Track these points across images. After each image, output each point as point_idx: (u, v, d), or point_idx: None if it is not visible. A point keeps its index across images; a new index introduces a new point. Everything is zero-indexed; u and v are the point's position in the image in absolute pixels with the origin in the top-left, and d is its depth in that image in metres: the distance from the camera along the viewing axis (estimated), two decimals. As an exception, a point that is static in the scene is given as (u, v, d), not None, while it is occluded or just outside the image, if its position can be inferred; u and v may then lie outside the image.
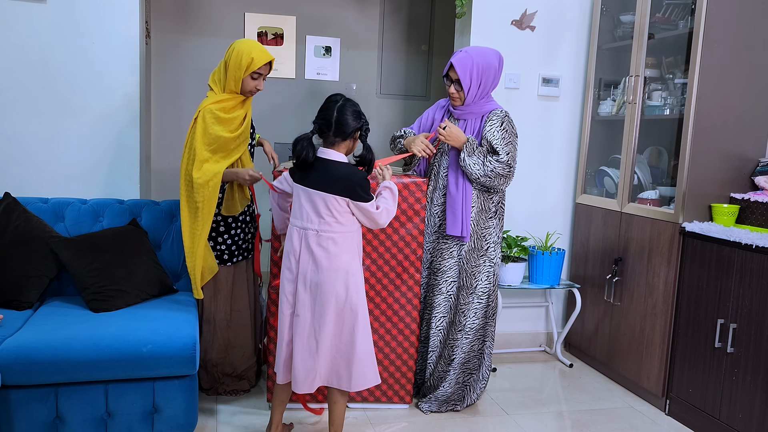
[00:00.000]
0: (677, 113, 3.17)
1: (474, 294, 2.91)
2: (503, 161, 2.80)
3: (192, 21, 4.77)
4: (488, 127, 2.85)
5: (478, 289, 2.91)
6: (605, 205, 3.56)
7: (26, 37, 3.05)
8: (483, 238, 2.91)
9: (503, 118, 2.86)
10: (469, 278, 2.91)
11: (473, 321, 2.92)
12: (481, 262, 2.91)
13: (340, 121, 2.39)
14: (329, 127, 2.40)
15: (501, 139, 2.82)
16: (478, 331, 2.94)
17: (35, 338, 2.32)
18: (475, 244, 2.91)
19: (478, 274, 2.91)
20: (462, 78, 2.81)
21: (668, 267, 3.06)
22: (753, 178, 3.05)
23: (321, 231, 2.38)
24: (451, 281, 2.93)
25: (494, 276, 2.95)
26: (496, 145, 2.81)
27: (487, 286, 2.92)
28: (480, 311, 2.93)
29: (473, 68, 2.81)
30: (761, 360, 2.58)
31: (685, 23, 3.19)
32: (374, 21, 5.09)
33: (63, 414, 2.33)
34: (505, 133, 2.83)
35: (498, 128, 2.83)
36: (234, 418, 2.83)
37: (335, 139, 2.42)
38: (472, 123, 2.91)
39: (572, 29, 3.77)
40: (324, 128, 2.42)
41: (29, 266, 2.76)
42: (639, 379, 3.26)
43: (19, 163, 3.10)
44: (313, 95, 4.97)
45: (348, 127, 2.40)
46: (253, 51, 2.76)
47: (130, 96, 3.19)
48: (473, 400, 3.04)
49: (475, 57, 2.82)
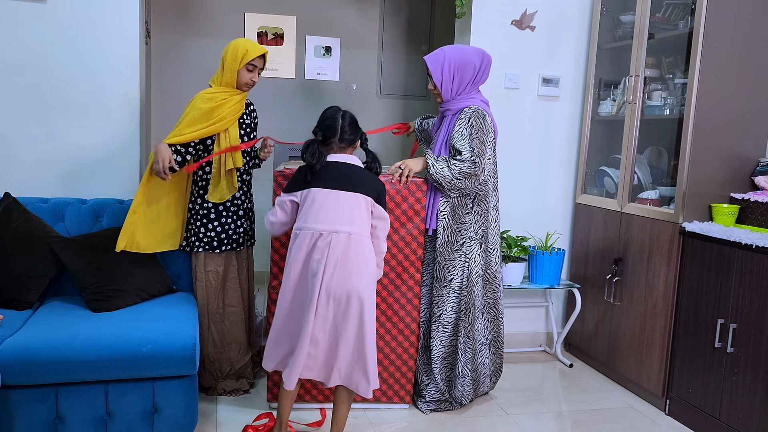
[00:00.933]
0: (677, 113, 3.17)
1: (449, 287, 2.90)
2: (467, 159, 2.79)
3: (192, 21, 4.77)
4: (456, 126, 2.86)
5: (453, 284, 2.90)
6: (605, 205, 3.56)
7: (26, 37, 3.05)
8: (458, 232, 2.89)
9: (471, 115, 2.83)
10: (443, 271, 2.90)
11: (449, 315, 2.92)
12: (456, 257, 2.89)
13: (345, 128, 2.46)
14: (335, 133, 2.44)
15: (466, 138, 2.81)
16: (455, 326, 2.93)
17: (35, 338, 2.32)
18: (449, 238, 2.89)
19: (452, 268, 2.89)
20: (433, 73, 2.88)
21: (668, 267, 3.06)
22: (753, 178, 3.05)
23: (353, 233, 2.38)
24: (427, 272, 2.96)
25: (469, 272, 2.89)
26: (459, 144, 2.82)
27: (462, 281, 2.90)
28: (456, 305, 2.91)
29: (445, 64, 2.85)
30: (761, 360, 2.58)
31: (685, 23, 3.19)
32: (374, 21, 5.09)
33: (63, 414, 2.33)
34: (472, 130, 2.81)
35: (465, 126, 2.83)
36: (234, 418, 2.83)
37: (341, 145, 2.46)
38: (450, 119, 2.93)
39: (572, 29, 3.77)
40: (330, 135, 2.45)
41: (29, 266, 2.76)
42: (639, 379, 3.26)
43: (19, 163, 3.09)
44: (313, 95, 4.97)
45: (354, 135, 2.49)
46: (248, 44, 2.88)
47: (130, 96, 3.19)
48: (468, 400, 3.01)
49: (448, 53, 2.87)
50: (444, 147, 2.91)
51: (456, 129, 2.85)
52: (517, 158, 3.77)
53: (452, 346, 2.95)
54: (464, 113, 2.85)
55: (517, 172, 3.78)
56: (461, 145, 2.81)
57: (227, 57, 2.86)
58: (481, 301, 2.97)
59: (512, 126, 3.71)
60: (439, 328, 2.92)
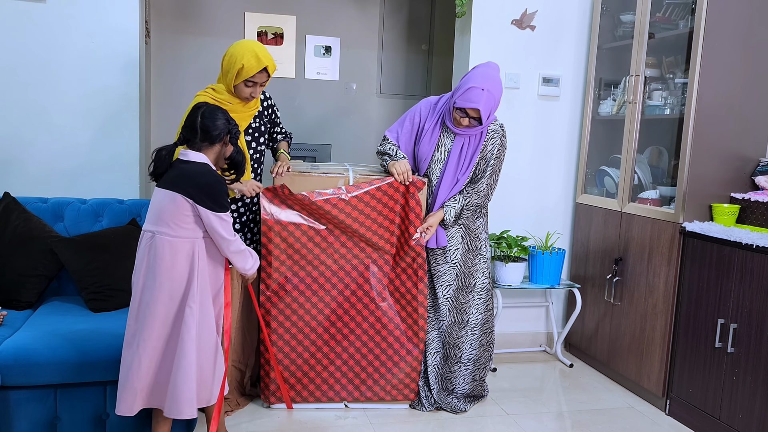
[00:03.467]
0: (677, 113, 3.16)
1: (473, 291, 2.95)
2: (482, 192, 2.88)
3: (192, 21, 4.76)
4: (489, 146, 2.88)
5: (477, 287, 2.96)
6: (605, 204, 3.56)
7: (26, 37, 3.05)
8: (476, 237, 2.95)
9: (501, 133, 2.91)
10: (467, 278, 2.94)
11: (476, 317, 2.96)
12: (477, 261, 2.96)
13: (205, 126, 2.21)
14: (195, 133, 2.21)
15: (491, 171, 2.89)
16: (483, 325, 2.98)
17: (34, 338, 2.32)
18: (469, 246, 2.95)
19: (475, 272, 2.95)
20: (484, 118, 2.77)
21: (668, 267, 3.06)
22: (753, 177, 3.04)
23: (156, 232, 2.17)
24: (447, 285, 2.94)
25: (489, 270, 3.02)
26: (483, 178, 2.88)
27: (485, 282, 2.97)
28: (482, 306, 2.97)
29: (494, 106, 2.79)
30: (761, 360, 2.58)
31: (685, 23, 3.18)
32: (374, 21, 5.09)
33: (62, 414, 2.32)
34: (497, 161, 2.91)
35: (498, 148, 2.88)
36: (234, 418, 2.82)
37: (202, 144, 2.22)
38: (473, 140, 2.89)
39: (572, 29, 3.77)
40: (189, 135, 2.23)
41: (29, 266, 2.76)
42: (639, 379, 3.26)
43: (19, 163, 3.09)
44: (313, 95, 4.97)
45: (215, 130, 2.22)
46: (245, 56, 2.52)
47: (130, 96, 3.19)
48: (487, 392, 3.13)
49: (497, 95, 2.77)
50: (464, 167, 2.89)
51: (489, 150, 2.88)
52: (517, 158, 3.77)
53: (483, 345, 3.01)
54: (494, 133, 2.89)
55: (517, 172, 3.77)
56: (484, 177, 2.88)
57: (223, 66, 2.60)
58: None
59: (512, 126, 3.70)
60: (468, 333, 2.96)
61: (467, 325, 2.95)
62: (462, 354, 2.96)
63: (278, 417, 2.86)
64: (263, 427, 2.77)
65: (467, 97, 2.73)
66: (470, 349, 2.97)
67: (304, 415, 2.89)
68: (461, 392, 3.00)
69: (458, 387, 2.99)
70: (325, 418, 2.86)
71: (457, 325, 2.95)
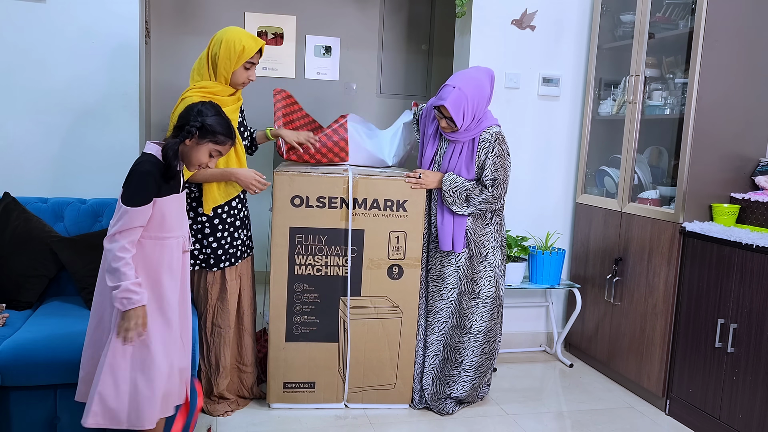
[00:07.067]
0: (677, 113, 3.16)
1: (477, 299, 2.90)
2: (488, 194, 2.80)
3: (192, 21, 4.77)
4: (482, 155, 2.82)
5: (482, 294, 2.90)
6: (605, 204, 3.56)
7: (26, 37, 3.05)
8: (482, 244, 2.90)
9: (494, 141, 2.80)
10: (471, 284, 2.90)
11: (480, 324, 2.92)
12: (481, 268, 2.90)
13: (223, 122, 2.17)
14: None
15: (490, 167, 2.80)
16: (486, 334, 2.94)
17: (34, 339, 2.32)
18: (474, 252, 2.90)
19: (479, 279, 2.90)
20: (455, 118, 2.72)
21: (668, 267, 3.06)
22: (753, 177, 3.04)
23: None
24: (452, 288, 2.93)
25: (496, 279, 2.93)
26: (485, 177, 2.81)
27: (491, 290, 2.91)
28: (486, 314, 2.92)
29: (467, 106, 2.73)
30: (761, 360, 2.58)
31: (685, 23, 3.18)
32: (374, 21, 5.09)
33: (62, 414, 2.32)
34: (496, 158, 2.81)
35: (490, 155, 2.80)
36: (234, 418, 2.83)
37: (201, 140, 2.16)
38: (466, 146, 2.86)
39: (572, 29, 3.77)
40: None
41: (28, 266, 2.76)
42: (639, 379, 3.26)
43: (19, 163, 3.09)
44: (313, 95, 4.97)
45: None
46: (243, 39, 2.58)
47: (130, 96, 3.19)
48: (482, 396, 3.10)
49: (469, 93, 2.72)
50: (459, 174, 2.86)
51: (481, 158, 2.82)
52: (517, 158, 3.76)
53: (485, 353, 2.96)
54: (486, 141, 2.81)
55: (517, 172, 3.77)
56: (485, 176, 2.81)
57: (221, 55, 2.58)
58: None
59: (512, 126, 3.70)
60: (470, 339, 2.92)
61: (470, 332, 2.91)
62: (463, 360, 2.93)
63: (278, 417, 2.86)
64: (263, 427, 2.77)
65: (438, 95, 2.78)
66: (472, 355, 2.93)
67: (304, 415, 2.89)
68: (456, 397, 2.97)
69: (455, 392, 2.95)
70: (325, 418, 2.86)
71: (458, 329, 2.93)
